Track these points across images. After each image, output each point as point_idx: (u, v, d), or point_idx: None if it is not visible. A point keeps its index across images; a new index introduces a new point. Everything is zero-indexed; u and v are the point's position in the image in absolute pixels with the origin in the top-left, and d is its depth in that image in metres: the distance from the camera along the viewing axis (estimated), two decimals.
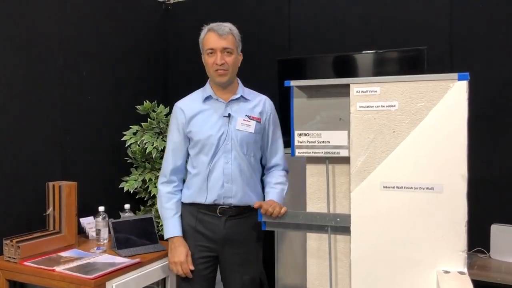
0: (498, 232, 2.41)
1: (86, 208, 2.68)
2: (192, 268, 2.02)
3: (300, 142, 1.80)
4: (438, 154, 1.57)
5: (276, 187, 2.10)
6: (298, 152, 1.81)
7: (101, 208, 2.60)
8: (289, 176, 2.22)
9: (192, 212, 2.07)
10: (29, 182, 2.49)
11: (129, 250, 2.40)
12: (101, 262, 2.21)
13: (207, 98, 2.07)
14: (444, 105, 1.57)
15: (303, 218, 1.82)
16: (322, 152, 1.78)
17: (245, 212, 2.06)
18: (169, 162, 2.09)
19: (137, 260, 2.26)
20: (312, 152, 1.79)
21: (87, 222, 2.71)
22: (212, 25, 2.02)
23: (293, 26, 3.08)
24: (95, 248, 2.45)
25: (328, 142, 1.76)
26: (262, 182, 2.19)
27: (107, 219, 2.59)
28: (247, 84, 2.21)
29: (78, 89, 2.78)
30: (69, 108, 2.72)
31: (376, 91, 1.65)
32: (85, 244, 2.55)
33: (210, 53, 2.00)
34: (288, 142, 2.87)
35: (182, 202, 2.10)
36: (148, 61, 3.31)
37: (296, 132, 1.80)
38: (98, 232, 2.58)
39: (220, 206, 2.03)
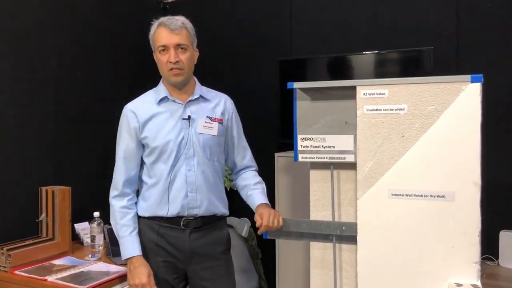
0: (507, 238, 2.33)
1: (81, 214, 2.60)
2: None
3: (304, 147, 1.73)
4: (449, 160, 1.51)
5: (257, 187, 1.95)
6: (302, 157, 1.74)
7: (96, 214, 2.53)
8: (291, 181, 2.14)
9: (152, 227, 1.86)
10: (22, 187, 2.41)
11: None
12: (95, 271, 2.13)
13: (162, 99, 1.86)
14: (456, 109, 1.50)
15: (307, 227, 1.75)
16: (326, 158, 1.71)
17: (211, 222, 1.89)
18: (121, 172, 1.87)
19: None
20: (316, 158, 1.72)
21: (82, 228, 2.63)
22: (163, 19, 1.83)
23: (295, 26, 3.01)
24: (90, 256, 2.37)
25: (333, 147, 1.69)
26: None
27: (102, 225, 2.52)
28: (247, 86, 2.12)
29: (72, 90, 2.70)
30: (63, 110, 2.64)
31: (384, 94, 1.58)
32: (79, 251, 2.47)
33: (162, 51, 1.80)
34: (287, 145, 2.90)
35: (139, 216, 1.89)
36: (146, 61, 3.21)
37: (300, 137, 1.73)
38: (93, 238, 2.51)
39: (184, 218, 1.84)
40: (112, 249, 2.35)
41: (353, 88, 1.61)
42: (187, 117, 1.84)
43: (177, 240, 1.85)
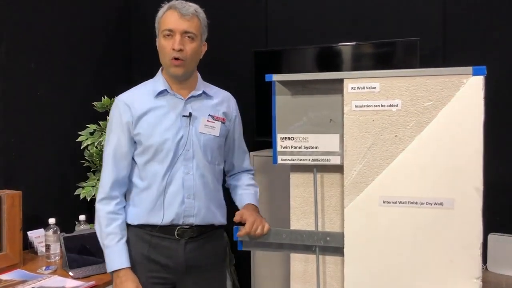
0: (497, 242, 2.23)
1: (35, 220, 2.41)
2: None
3: (284, 148, 1.55)
4: (448, 163, 1.35)
5: (249, 188, 1.83)
6: (281, 159, 1.55)
7: (52, 220, 2.34)
8: (268, 184, 1.97)
9: (143, 237, 1.69)
10: None
11: (83, 270, 2.14)
12: (48, 287, 1.90)
13: (161, 92, 1.70)
14: (456, 105, 1.34)
15: (287, 237, 1.56)
16: (309, 160, 1.53)
17: (207, 232, 1.74)
18: (110, 172, 1.69)
19: (91, 283, 2.01)
20: (298, 159, 1.54)
21: (36, 235, 2.42)
22: (174, 2, 1.67)
23: (271, 14, 2.87)
24: (44, 268, 2.18)
25: (317, 147, 1.52)
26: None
27: (58, 232, 2.33)
28: (219, 79, 1.93)
29: (25, 83, 2.51)
30: (14, 105, 2.45)
31: (375, 88, 1.41)
32: (32, 262, 2.27)
33: (168, 35, 1.64)
34: (264, 143, 2.74)
35: (127, 224, 1.72)
36: (107, 51, 3.02)
37: (279, 136, 1.55)
38: (47, 247, 2.31)
39: (178, 227, 1.68)
40: (69, 259, 2.13)
41: (340, 81, 1.44)
42: (187, 114, 1.68)
43: (170, 252, 1.68)
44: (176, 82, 1.70)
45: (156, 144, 1.65)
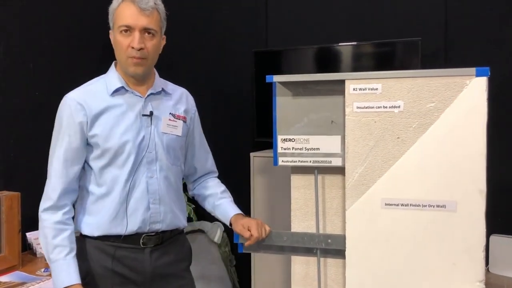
0: (498, 244, 2.20)
1: (34, 221, 2.34)
2: None
3: (284, 149, 1.54)
4: (451, 165, 1.34)
5: (225, 195, 1.73)
6: (282, 161, 1.54)
7: None
8: (269, 185, 1.94)
9: (105, 249, 1.53)
10: None
11: None
12: None
13: (117, 90, 1.55)
14: (459, 106, 1.34)
15: (288, 240, 1.55)
16: (310, 161, 1.52)
17: (172, 237, 1.63)
18: (59, 179, 1.51)
19: None
20: (299, 161, 1.53)
21: (35, 237, 2.37)
22: None
23: (271, 14, 2.84)
24: (43, 270, 2.13)
25: (318, 149, 1.51)
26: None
27: None
28: (219, 79, 1.91)
29: (23, 84, 2.45)
30: (13, 106, 2.39)
31: (376, 89, 1.40)
32: (31, 264, 2.23)
33: (125, 31, 1.49)
34: (264, 144, 2.72)
35: (83, 236, 1.56)
36: (107, 51, 2.94)
37: (280, 137, 1.54)
38: None
39: (144, 235, 1.55)
40: None
41: (341, 82, 1.43)
42: (148, 113, 1.55)
43: (135, 263, 1.56)
44: (133, 79, 1.57)
45: (115, 147, 1.51)
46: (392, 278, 1.39)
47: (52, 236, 1.49)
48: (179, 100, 1.66)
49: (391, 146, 1.38)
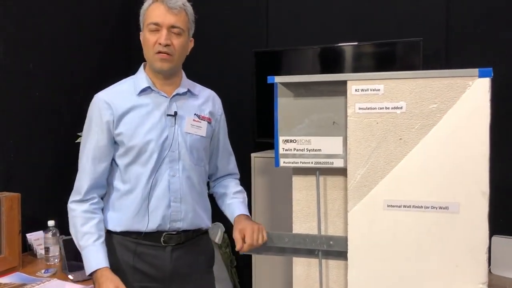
0: (500, 244, 2.20)
1: (33, 222, 2.36)
2: None
3: (286, 150, 1.52)
4: (454, 167, 1.33)
5: (238, 196, 1.75)
6: (284, 162, 1.53)
7: (51, 223, 2.30)
8: (270, 186, 1.93)
9: (127, 245, 1.59)
10: None
11: (83, 273, 1.98)
12: None
13: (144, 90, 1.59)
14: (462, 107, 1.32)
15: (290, 241, 1.54)
16: (312, 162, 1.51)
17: (194, 237, 1.66)
18: (88, 176, 1.57)
19: (91, 286, 1.92)
20: (300, 162, 1.52)
21: (35, 238, 2.39)
22: None
23: (271, 14, 2.82)
24: (43, 271, 2.14)
25: (319, 150, 1.49)
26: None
27: (58, 235, 2.29)
28: (219, 79, 1.90)
29: (23, 84, 2.44)
30: (13, 106, 2.39)
31: (379, 90, 1.38)
32: (31, 265, 2.23)
33: (153, 30, 1.54)
34: (265, 144, 2.72)
35: (108, 231, 1.60)
36: (108, 50, 2.96)
37: (281, 138, 1.52)
38: (47, 250, 2.27)
39: (165, 233, 1.59)
40: (68, 263, 2.10)
41: (343, 83, 1.41)
42: (173, 113, 1.59)
43: (156, 260, 1.59)
44: (160, 79, 1.61)
45: (139, 145, 1.55)
46: (394, 280, 1.38)
47: (81, 224, 1.55)
48: (205, 102, 1.70)
49: (394, 147, 1.37)
